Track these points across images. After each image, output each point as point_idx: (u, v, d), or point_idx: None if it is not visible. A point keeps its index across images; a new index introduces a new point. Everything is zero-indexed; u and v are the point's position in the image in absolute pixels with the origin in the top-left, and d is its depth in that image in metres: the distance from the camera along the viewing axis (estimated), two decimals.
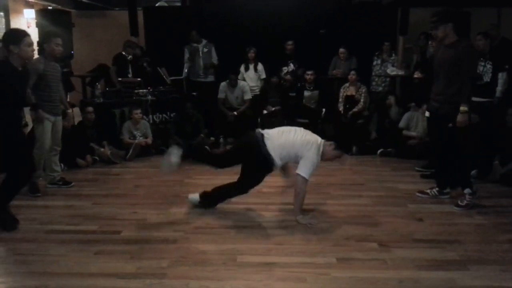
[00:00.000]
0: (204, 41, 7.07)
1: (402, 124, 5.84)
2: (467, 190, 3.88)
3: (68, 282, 2.69)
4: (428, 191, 4.23)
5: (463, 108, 3.69)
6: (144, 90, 6.33)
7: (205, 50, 7.06)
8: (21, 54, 3.46)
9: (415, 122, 5.76)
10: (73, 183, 4.62)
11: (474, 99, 5.30)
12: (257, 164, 3.67)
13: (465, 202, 3.87)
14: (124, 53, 6.77)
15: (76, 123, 5.84)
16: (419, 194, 4.26)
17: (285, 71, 7.03)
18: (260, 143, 3.61)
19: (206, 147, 6.10)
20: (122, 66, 6.74)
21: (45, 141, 4.26)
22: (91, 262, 2.94)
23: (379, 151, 5.96)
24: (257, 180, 3.76)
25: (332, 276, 2.73)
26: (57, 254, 3.05)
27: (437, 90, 3.94)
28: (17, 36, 3.48)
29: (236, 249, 3.11)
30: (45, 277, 2.74)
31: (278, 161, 3.61)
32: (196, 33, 7.02)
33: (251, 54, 6.90)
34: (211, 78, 7.10)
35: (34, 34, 7.44)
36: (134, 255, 3.04)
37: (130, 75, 6.69)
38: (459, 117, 3.71)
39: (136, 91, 6.29)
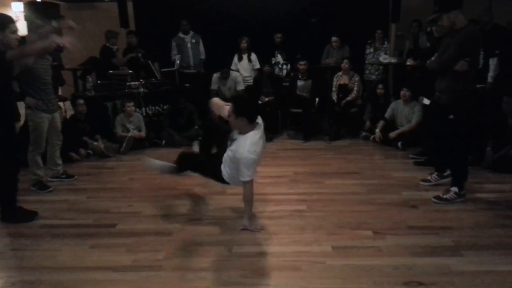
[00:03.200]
0: (191, 32, 7.07)
1: (387, 114, 5.85)
2: (454, 188, 3.78)
3: (63, 276, 2.68)
4: (429, 177, 4.23)
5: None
6: (136, 83, 6.29)
7: (193, 41, 7.07)
8: (4, 40, 3.37)
9: (398, 111, 5.77)
10: (75, 176, 4.62)
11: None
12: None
13: (446, 196, 3.75)
14: (108, 45, 6.72)
15: (68, 117, 5.80)
16: (423, 183, 4.22)
17: (273, 61, 7.02)
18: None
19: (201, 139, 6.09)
20: (110, 57, 6.69)
21: (39, 138, 4.17)
22: (86, 256, 2.94)
23: (371, 137, 6.00)
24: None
25: (328, 264, 2.75)
26: (52, 249, 3.05)
27: (440, 78, 3.80)
28: (3, 21, 3.40)
29: (232, 240, 3.12)
30: (40, 271, 2.74)
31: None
32: (186, 22, 7.00)
33: (244, 44, 6.86)
34: (199, 69, 7.12)
35: (22, 28, 7.34)
36: (130, 248, 3.04)
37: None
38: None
39: (128, 83, 6.25)
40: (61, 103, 6.29)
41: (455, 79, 3.64)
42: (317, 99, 6.56)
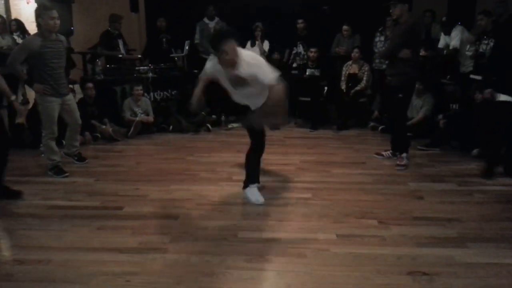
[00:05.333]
0: (216, 19, 7.01)
1: None
2: (404, 155, 4.49)
3: (70, 256, 2.72)
4: (384, 153, 4.79)
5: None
6: (145, 67, 6.30)
7: (217, 28, 6.99)
8: None
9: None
10: (87, 160, 4.65)
11: (477, 77, 5.31)
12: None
13: (403, 162, 4.45)
14: (110, 29, 6.71)
15: (77, 100, 5.82)
16: (376, 155, 4.81)
17: (294, 51, 6.95)
18: None
19: (208, 125, 6.11)
20: (110, 43, 6.66)
21: (49, 123, 4.11)
22: (93, 237, 2.97)
23: (380, 128, 5.98)
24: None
25: (332, 252, 2.76)
26: (60, 229, 3.09)
27: (389, 65, 4.49)
28: None
29: (237, 225, 3.14)
30: (48, 251, 2.78)
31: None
32: (213, 8, 6.97)
33: (258, 31, 6.82)
34: None
35: (33, 10, 7.35)
36: (136, 230, 3.07)
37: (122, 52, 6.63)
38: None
39: (137, 68, 6.26)
40: (71, 86, 6.32)
41: (403, 64, 4.25)
42: (325, 88, 6.53)
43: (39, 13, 3.96)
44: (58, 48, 4.09)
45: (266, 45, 6.91)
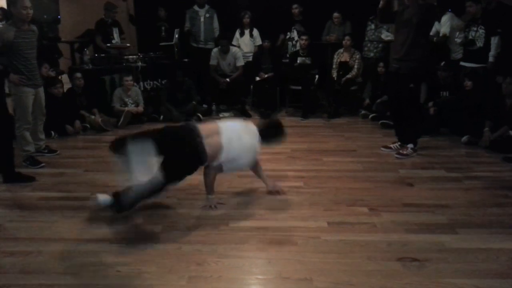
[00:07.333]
0: (206, 6, 6.90)
1: None
2: (410, 145, 4.38)
3: (61, 247, 2.70)
4: (392, 145, 4.58)
5: None
6: (134, 56, 6.22)
7: (207, 15, 6.88)
8: None
9: None
10: (58, 151, 4.59)
11: (467, 64, 5.36)
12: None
13: (405, 152, 4.37)
14: (104, 18, 6.62)
15: (65, 90, 5.75)
16: (383, 149, 4.60)
17: (287, 36, 6.90)
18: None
19: (199, 114, 6.07)
20: (105, 31, 6.59)
21: (25, 113, 4.05)
22: (84, 228, 2.96)
23: (370, 116, 6.00)
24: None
25: (323, 240, 2.78)
26: (50, 220, 3.07)
27: (397, 50, 4.24)
28: None
29: (228, 214, 3.14)
30: (38, 242, 2.76)
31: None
32: None
33: (246, 19, 6.75)
34: (211, 45, 6.92)
35: None
36: (127, 220, 3.05)
37: (114, 41, 6.53)
38: None
39: (125, 57, 6.18)
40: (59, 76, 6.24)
41: (418, 50, 4.09)
42: (316, 76, 6.52)
43: (12, 2, 3.87)
44: (31, 38, 4.02)
45: (256, 35, 6.85)
